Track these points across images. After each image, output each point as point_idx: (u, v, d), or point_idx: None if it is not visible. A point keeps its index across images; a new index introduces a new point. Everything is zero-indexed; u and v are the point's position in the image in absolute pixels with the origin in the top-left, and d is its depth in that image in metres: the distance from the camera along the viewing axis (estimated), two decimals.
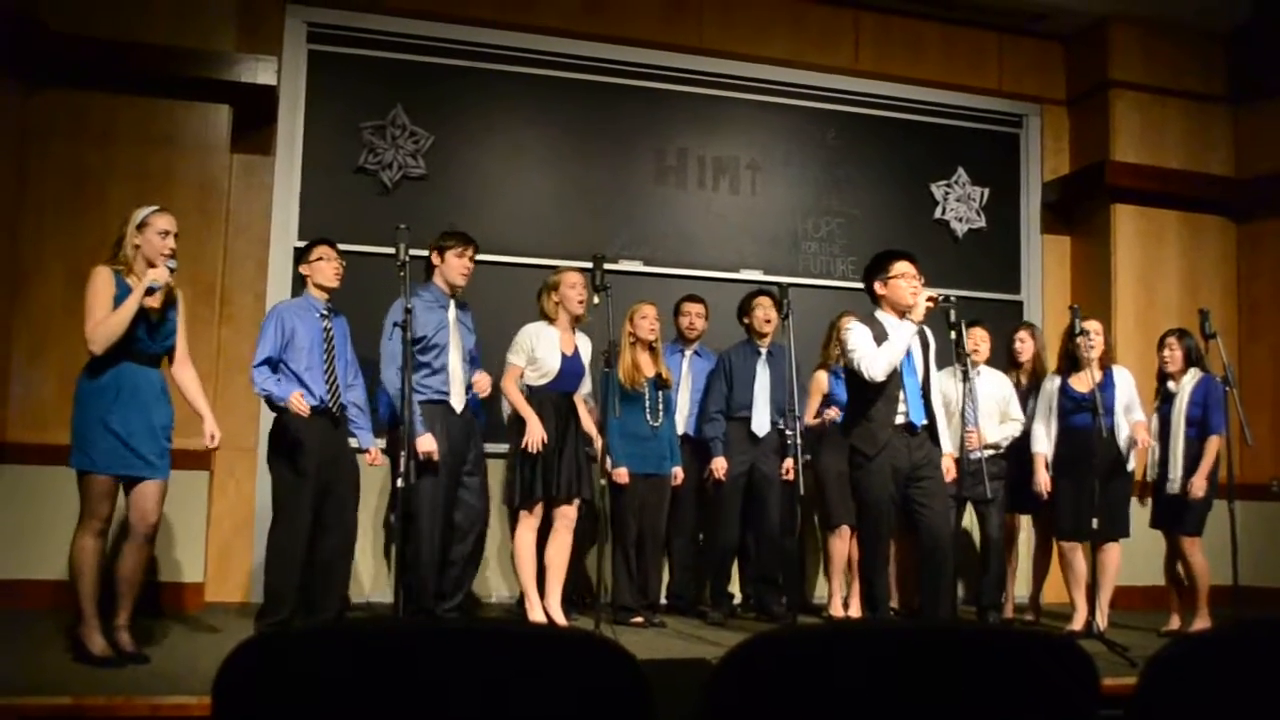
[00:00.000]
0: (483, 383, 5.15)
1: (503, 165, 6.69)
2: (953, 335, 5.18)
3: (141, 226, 4.11)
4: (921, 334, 4.75)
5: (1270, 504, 6.96)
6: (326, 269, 4.85)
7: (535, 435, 5.04)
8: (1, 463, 5.42)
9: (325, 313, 4.84)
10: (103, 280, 4.04)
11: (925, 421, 4.66)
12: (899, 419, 4.61)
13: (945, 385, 5.62)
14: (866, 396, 4.66)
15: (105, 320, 3.99)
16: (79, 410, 4.07)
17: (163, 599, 5.48)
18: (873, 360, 4.55)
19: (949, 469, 4.78)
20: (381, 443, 5.10)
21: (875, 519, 4.67)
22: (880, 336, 4.62)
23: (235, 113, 5.96)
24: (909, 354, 4.66)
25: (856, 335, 4.65)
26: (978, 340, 5.87)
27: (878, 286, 4.75)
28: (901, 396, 4.62)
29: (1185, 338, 5.77)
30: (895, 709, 1.35)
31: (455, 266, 5.11)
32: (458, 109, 6.62)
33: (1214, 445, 5.57)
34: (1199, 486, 5.53)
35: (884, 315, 4.71)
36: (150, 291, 4.06)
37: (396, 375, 4.63)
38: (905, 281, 4.66)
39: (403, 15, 6.51)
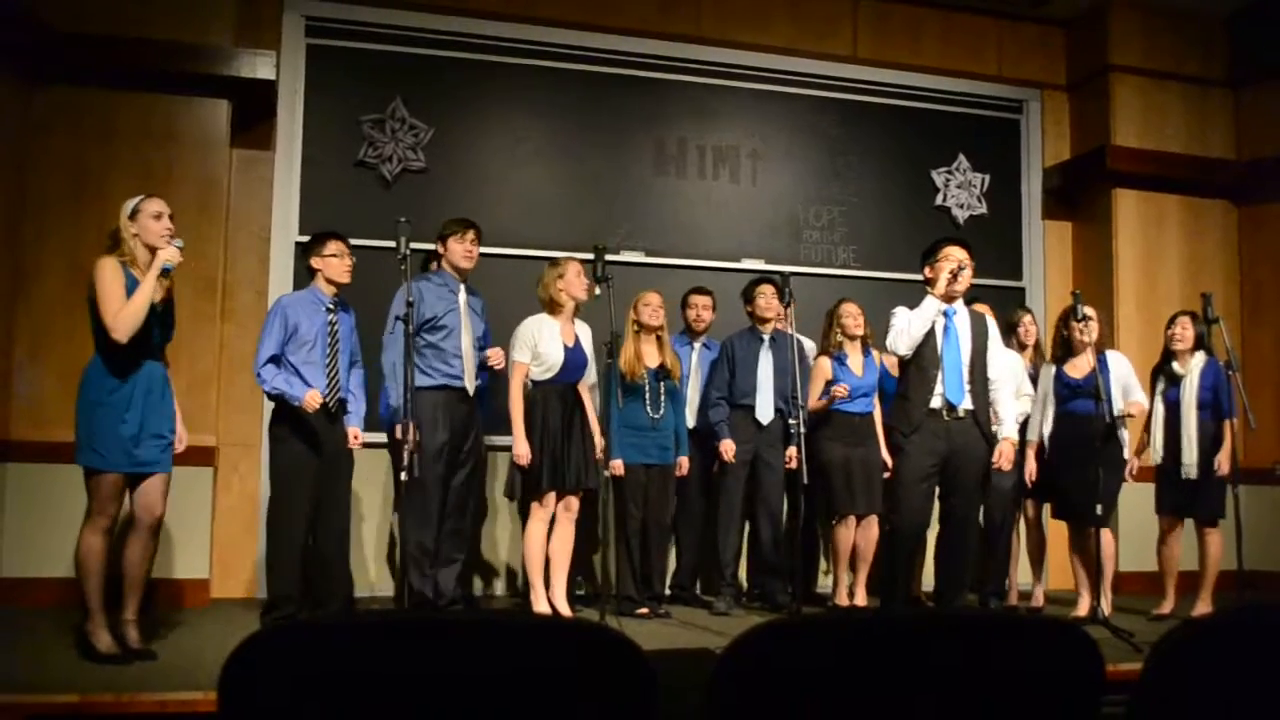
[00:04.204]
0: (496, 355, 5.10)
1: (503, 157, 6.68)
2: None
3: (134, 215, 4.09)
4: (979, 319, 4.83)
5: (1274, 488, 6.94)
6: (338, 265, 4.85)
7: (522, 454, 5.03)
8: (4, 461, 5.42)
9: (331, 307, 4.83)
10: (112, 269, 3.99)
11: (970, 406, 4.68)
12: (935, 401, 4.65)
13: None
14: (906, 376, 4.84)
15: (126, 307, 3.94)
16: (89, 407, 3.99)
17: (168, 595, 5.49)
18: (894, 335, 4.73)
19: (1004, 453, 4.78)
20: (361, 428, 4.99)
21: (906, 504, 4.71)
22: None
23: (234, 107, 5.96)
24: (954, 336, 4.70)
25: (896, 316, 4.83)
26: None
27: (927, 270, 4.90)
28: (939, 378, 4.67)
29: (1196, 320, 5.74)
30: (900, 697, 1.35)
31: (456, 251, 5.11)
32: (457, 101, 6.61)
33: (1229, 429, 5.57)
34: (1225, 469, 5.51)
35: (929, 299, 4.82)
36: (165, 273, 4.04)
37: (397, 366, 4.60)
38: (946, 263, 4.79)
39: (401, 8, 6.50)
